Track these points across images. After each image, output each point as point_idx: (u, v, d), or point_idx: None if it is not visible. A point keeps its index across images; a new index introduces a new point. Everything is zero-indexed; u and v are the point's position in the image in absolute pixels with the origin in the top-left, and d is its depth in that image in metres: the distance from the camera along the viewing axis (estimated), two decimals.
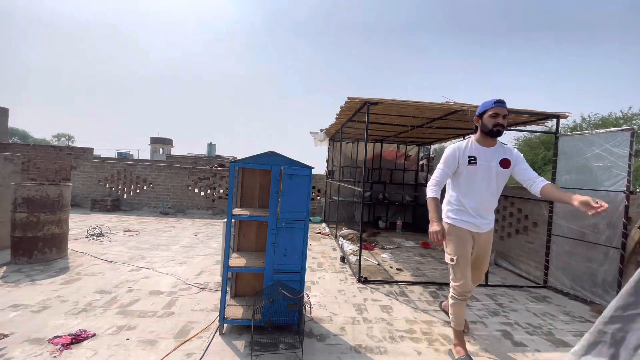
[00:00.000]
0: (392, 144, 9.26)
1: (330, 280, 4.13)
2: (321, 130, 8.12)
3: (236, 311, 2.79)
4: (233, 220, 2.93)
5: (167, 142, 48.44)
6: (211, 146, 34.01)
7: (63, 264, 4.08)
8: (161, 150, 46.50)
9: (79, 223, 6.55)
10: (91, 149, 10.12)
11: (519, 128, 5.51)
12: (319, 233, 7.25)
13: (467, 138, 2.61)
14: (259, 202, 3.23)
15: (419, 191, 9.00)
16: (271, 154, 2.65)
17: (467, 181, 2.49)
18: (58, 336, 2.46)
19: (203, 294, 3.43)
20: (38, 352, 2.27)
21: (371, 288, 3.92)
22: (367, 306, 3.39)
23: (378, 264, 4.98)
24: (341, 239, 6.18)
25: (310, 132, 8.40)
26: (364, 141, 8.28)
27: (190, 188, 9.07)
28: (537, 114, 4.54)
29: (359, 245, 4.57)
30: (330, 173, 8.50)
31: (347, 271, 4.53)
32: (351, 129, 6.93)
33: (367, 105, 4.33)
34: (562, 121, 4.70)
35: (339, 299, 3.54)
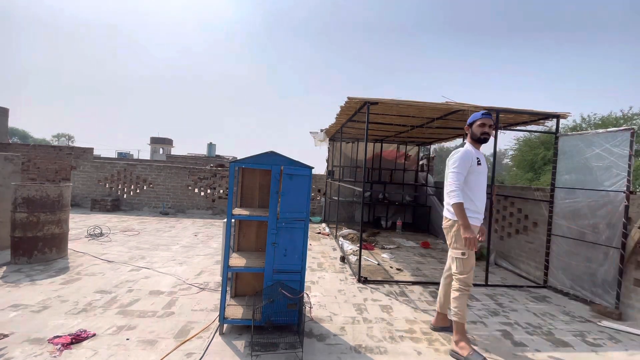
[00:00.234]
0: (392, 144, 9.26)
1: (330, 280, 4.13)
2: (321, 130, 8.12)
3: (236, 311, 2.79)
4: (233, 220, 2.93)
5: (167, 142, 48.41)
6: (211, 146, 34.01)
7: (63, 264, 4.08)
8: (161, 150, 46.48)
9: (79, 223, 6.55)
10: (91, 149, 10.12)
11: (519, 128, 5.51)
12: (319, 233, 7.26)
13: (464, 143, 2.85)
14: (259, 202, 3.24)
15: (419, 191, 9.01)
16: (271, 154, 2.65)
17: (475, 181, 2.72)
18: (58, 336, 2.46)
19: (203, 294, 3.43)
20: (38, 352, 2.27)
21: (371, 288, 3.92)
22: (367, 306, 3.39)
23: (378, 264, 4.98)
24: (341, 239, 6.18)
25: (310, 132, 8.41)
26: (364, 141, 8.28)
27: (190, 188, 9.07)
28: (537, 114, 4.55)
29: (359, 245, 4.57)
30: (330, 173, 8.50)
31: (347, 271, 4.53)
32: (351, 129, 6.93)
33: (367, 105, 4.33)
34: (562, 121, 4.71)
35: (339, 299, 3.54)
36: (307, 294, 3.13)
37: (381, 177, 9.13)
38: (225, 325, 2.70)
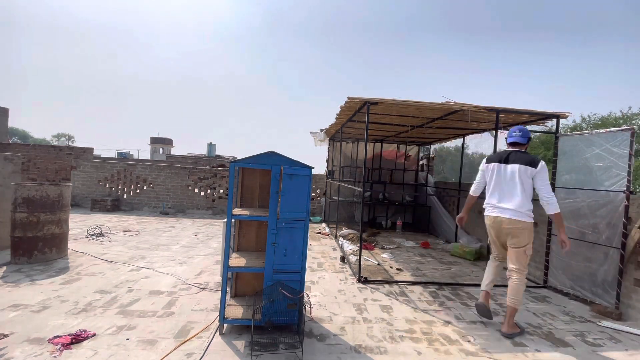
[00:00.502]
0: (392, 144, 9.26)
1: (330, 280, 4.13)
2: (321, 130, 8.12)
3: (236, 311, 2.79)
4: (233, 220, 2.93)
5: (167, 142, 48.41)
6: (211, 146, 34.04)
7: (63, 264, 4.08)
8: (161, 150, 46.47)
9: (79, 223, 6.55)
10: (91, 149, 10.12)
11: None
12: (319, 233, 7.26)
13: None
14: (259, 202, 3.24)
15: (419, 191, 9.00)
16: (271, 154, 2.65)
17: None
18: (58, 336, 2.46)
19: (203, 293, 3.43)
20: (38, 352, 2.27)
21: (371, 288, 3.92)
22: (367, 306, 3.39)
23: (378, 264, 4.98)
24: (341, 239, 6.18)
25: (310, 132, 8.41)
26: (364, 141, 8.28)
27: (190, 188, 9.08)
28: (537, 114, 4.55)
29: (359, 245, 4.57)
30: (330, 173, 8.50)
31: (347, 271, 4.53)
32: (351, 129, 6.93)
33: (367, 105, 4.33)
34: (562, 121, 4.71)
35: (339, 298, 3.54)
36: (307, 294, 3.13)
37: (381, 177, 9.13)
38: (225, 325, 2.70)
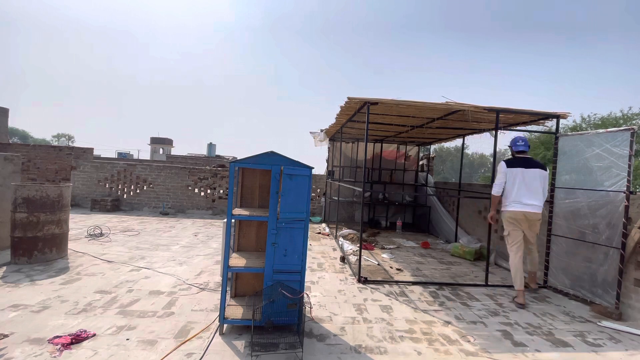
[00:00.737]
0: (392, 144, 9.26)
1: (330, 280, 4.13)
2: (321, 130, 8.11)
3: (236, 311, 2.79)
4: (233, 220, 2.93)
5: (167, 142, 48.39)
6: (211, 146, 34.07)
7: (63, 264, 4.08)
8: (161, 150, 46.45)
9: (79, 223, 6.55)
10: (91, 149, 10.12)
11: (519, 128, 5.50)
12: (319, 233, 7.26)
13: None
14: (259, 202, 3.24)
15: (418, 191, 9.01)
16: (271, 154, 2.65)
17: None
18: (58, 336, 2.46)
19: (203, 294, 3.43)
20: (38, 352, 2.27)
21: (371, 288, 3.92)
22: (367, 306, 3.39)
23: (378, 264, 4.98)
24: (341, 239, 6.18)
25: (310, 132, 8.41)
26: (364, 141, 8.28)
27: (190, 188, 9.08)
28: (537, 114, 4.55)
29: (359, 245, 4.57)
30: (330, 173, 8.50)
31: (347, 271, 4.53)
32: (351, 129, 6.94)
33: (367, 105, 4.33)
34: (562, 121, 4.71)
35: (339, 299, 3.54)
36: (307, 294, 3.13)
37: (381, 177, 9.13)
38: (225, 326, 2.70)
